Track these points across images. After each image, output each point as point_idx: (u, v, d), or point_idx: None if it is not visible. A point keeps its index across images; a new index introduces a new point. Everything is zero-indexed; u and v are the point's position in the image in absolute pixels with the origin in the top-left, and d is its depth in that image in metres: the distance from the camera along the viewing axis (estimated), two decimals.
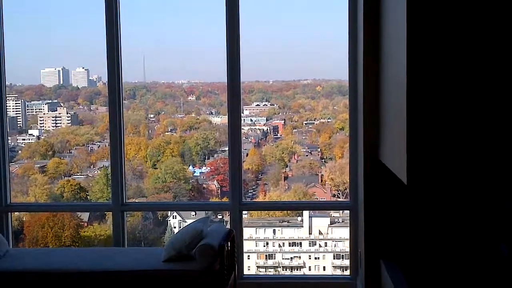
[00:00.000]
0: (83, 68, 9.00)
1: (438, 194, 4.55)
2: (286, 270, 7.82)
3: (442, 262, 4.57)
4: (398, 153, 3.95)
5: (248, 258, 7.75)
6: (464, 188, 4.50)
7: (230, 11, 6.38)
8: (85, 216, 8.13)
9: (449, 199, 4.53)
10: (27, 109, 8.92)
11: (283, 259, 7.82)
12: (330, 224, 7.78)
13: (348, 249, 6.35)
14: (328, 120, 8.77)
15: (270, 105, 9.12)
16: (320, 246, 7.78)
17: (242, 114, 8.79)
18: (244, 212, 8.08)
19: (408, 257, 4.83)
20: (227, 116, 8.99)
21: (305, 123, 8.94)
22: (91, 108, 9.00)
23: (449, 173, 3.73)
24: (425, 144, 3.70)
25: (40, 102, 8.92)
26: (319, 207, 7.84)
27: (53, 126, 8.88)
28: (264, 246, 7.83)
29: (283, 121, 9.05)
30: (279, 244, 7.82)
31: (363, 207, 5.43)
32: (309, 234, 7.73)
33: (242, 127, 9.05)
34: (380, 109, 4.96)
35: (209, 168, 8.51)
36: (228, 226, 6.51)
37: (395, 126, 4.18)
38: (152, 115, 8.99)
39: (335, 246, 7.73)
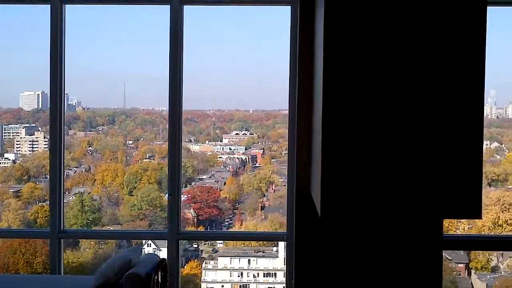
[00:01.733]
0: None
1: (355, 227, 4.59)
2: None
3: None
4: (317, 186, 4.01)
5: None
6: (382, 221, 4.54)
7: (174, 40, 6.38)
8: None
9: (366, 232, 4.56)
10: (4, 133, 8.83)
11: None
12: None
13: None
14: None
15: (250, 134, 9.11)
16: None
17: (221, 143, 8.81)
18: (219, 241, 8.06)
19: None
20: (206, 144, 9.02)
21: (284, 153, 8.95)
22: (69, 133, 8.94)
23: (365, 206, 3.80)
24: (340, 177, 3.78)
25: (18, 125, 8.84)
26: (256, 238, 7.72)
27: (29, 150, 8.79)
28: (239, 276, 7.76)
29: (262, 150, 9.05)
30: (253, 274, 7.76)
31: (293, 239, 5.40)
32: (284, 264, 7.68)
33: (220, 156, 9.11)
34: (311, 140, 4.98)
35: (185, 196, 8.45)
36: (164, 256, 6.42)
37: (316, 158, 4.24)
38: (130, 141, 8.94)
39: None
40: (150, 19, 7.94)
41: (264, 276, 7.74)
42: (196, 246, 8.12)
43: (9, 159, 8.68)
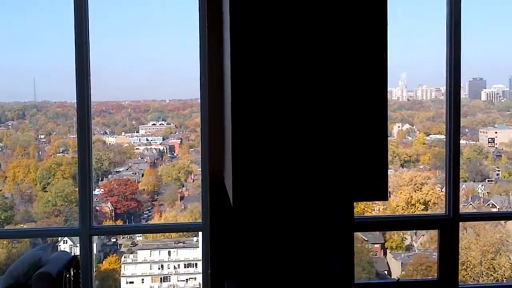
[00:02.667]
0: None
1: (266, 214, 4.66)
2: None
3: (277, 280, 4.67)
4: (229, 176, 4.07)
5: (142, 282, 7.59)
6: (293, 207, 4.64)
7: (79, 30, 6.23)
8: None
9: (279, 219, 4.64)
10: None
11: (178, 281, 7.71)
12: None
13: None
14: None
15: (167, 124, 9.02)
16: None
17: (137, 134, 8.68)
18: (138, 234, 7.95)
19: (249, 276, 4.89)
20: (122, 135, 8.87)
21: None
22: None
23: (276, 193, 3.90)
24: (250, 166, 3.85)
25: None
26: (172, 229, 7.62)
27: None
28: (159, 268, 7.69)
29: (180, 140, 8.98)
30: (174, 266, 7.71)
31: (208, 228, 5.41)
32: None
33: (137, 147, 8.98)
34: (224, 130, 5.02)
35: (102, 190, 8.29)
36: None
37: (227, 148, 4.29)
38: (42, 136, 8.66)
39: None
40: (54, 10, 7.73)
41: (184, 267, 7.71)
42: (114, 240, 7.99)
43: None
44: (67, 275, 5.28)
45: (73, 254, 5.82)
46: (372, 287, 5.61)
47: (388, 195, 4.03)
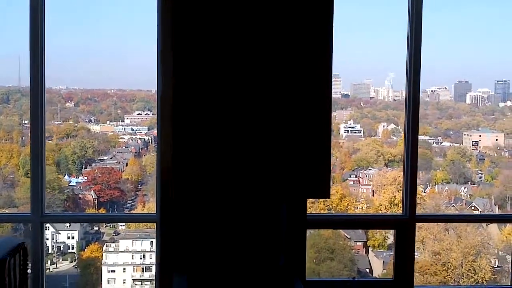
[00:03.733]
0: None
1: (215, 209, 4.68)
2: None
3: (224, 274, 4.69)
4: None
5: (124, 271, 7.55)
6: (240, 204, 4.66)
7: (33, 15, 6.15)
8: None
9: (226, 214, 4.66)
10: None
11: None
12: None
13: None
14: None
15: (152, 114, 8.97)
16: None
17: (122, 123, 8.62)
18: (121, 224, 7.91)
19: (197, 270, 4.90)
20: (107, 124, 8.81)
21: None
22: None
23: (216, 188, 3.99)
24: (190, 161, 3.95)
25: None
26: (126, 220, 7.53)
27: None
28: (141, 258, 7.65)
29: None
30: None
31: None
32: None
33: (122, 136, 8.92)
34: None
35: (86, 177, 8.23)
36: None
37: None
38: (26, 121, 8.57)
39: None
40: None
41: None
42: (97, 228, 7.94)
43: None
44: (12, 262, 5.10)
45: (20, 241, 5.69)
46: (324, 284, 5.58)
47: (330, 193, 4.18)
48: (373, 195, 8.35)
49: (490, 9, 8.52)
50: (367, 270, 7.90)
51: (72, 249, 7.78)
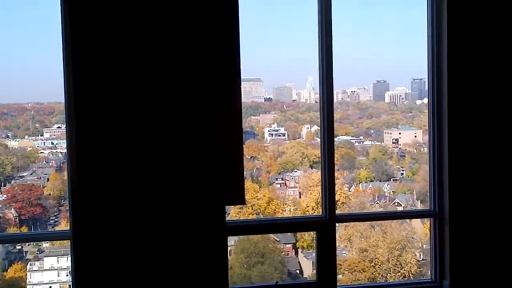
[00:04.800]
0: None
1: (119, 221, 4.67)
2: None
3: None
4: None
5: None
6: (149, 213, 4.69)
7: None
8: None
9: (142, 223, 4.65)
10: None
11: None
12: None
13: None
14: None
15: None
16: None
17: (42, 137, 8.36)
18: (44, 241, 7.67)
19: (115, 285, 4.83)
20: (25, 139, 8.51)
21: None
22: None
23: (126, 199, 4.11)
24: (95, 172, 4.22)
25: None
26: (40, 239, 7.03)
27: None
28: (67, 275, 7.44)
29: None
30: None
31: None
32: None
33: (42, 151, 8.65)
34: None
35: (5, 195, 7.93)
36: None
37: None
38: None
39: None
40: None
41: None
42: (20, 247, 7.66)
43: None
44: None
45: None
46: None
47: (245, 199, 4.39)
48: (300, 197, 8.42)
49: (405, 9, 8.74)
50: (297, 271, 7.96)
51: None
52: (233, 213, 7.88)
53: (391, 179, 8.76)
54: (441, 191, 5.37)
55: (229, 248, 7.66)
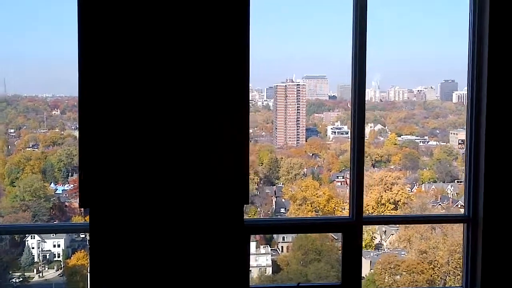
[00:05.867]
0: None
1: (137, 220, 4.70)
2: None
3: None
4: None
5: None
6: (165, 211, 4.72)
7: None
8: None
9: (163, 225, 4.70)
10: None
11: None
12: None
13: None
14: None
15: None
16: None
17: None
18: None
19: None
20: None
21: None
22: None
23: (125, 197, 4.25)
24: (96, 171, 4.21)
25: None
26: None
27: None
28: None
29: None
30: None
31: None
32: None
33: None
34: None
35: (72, 185, 8.20)
36: None
37: None
38: (12, 130, 8.55)
39: None
40: None
41: None
42: (83, 236, 7.91)
43: None
44: None
45: None
46: None
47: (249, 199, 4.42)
48: None
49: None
50: None
51: (58, 257, 7.76)
52: (292, 209, 7.90)
53: (455, 181, 8.55)
54: (476, 196, 5.18)
55: (286, 245, 7.73)
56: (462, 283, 5.33)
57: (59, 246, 7.77)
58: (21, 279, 7.55)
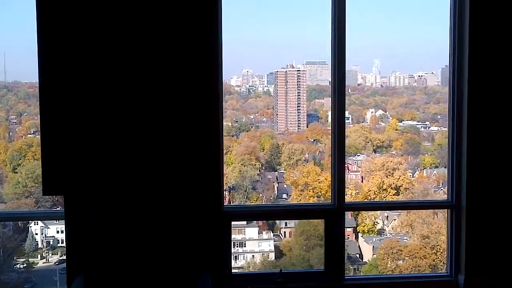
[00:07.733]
0: None
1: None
2: None
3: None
4: None
5: None
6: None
7: None
8: None
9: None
10: None
11: None
12: None
13: None
14: None
15: None
16: None
17: None
18: None
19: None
20: None
21: None
22: None
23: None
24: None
25: None
26: None
27: None
28: None
29: None
30: None
31: None
32: None
33: None
34: None
35: None
36: None
37: None
38: (13, 117, 8.53)
39: None
40: None
41: None
42: None
43: None
44: None
45: None
46: (252, 277, 5.49)
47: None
48: (362, 181, 8.37)
49: None
50: (357, 255, 7.93)
51: (61, 243, 7.77)
52: (294, 195, 7.91)
53: None
54: (459, 182, 5.20)
55: (289, 230, 7.75)
56: (446, 269, 5.37)
57: (62, 232, 7.77)
58: (25, 264, 7.56)
